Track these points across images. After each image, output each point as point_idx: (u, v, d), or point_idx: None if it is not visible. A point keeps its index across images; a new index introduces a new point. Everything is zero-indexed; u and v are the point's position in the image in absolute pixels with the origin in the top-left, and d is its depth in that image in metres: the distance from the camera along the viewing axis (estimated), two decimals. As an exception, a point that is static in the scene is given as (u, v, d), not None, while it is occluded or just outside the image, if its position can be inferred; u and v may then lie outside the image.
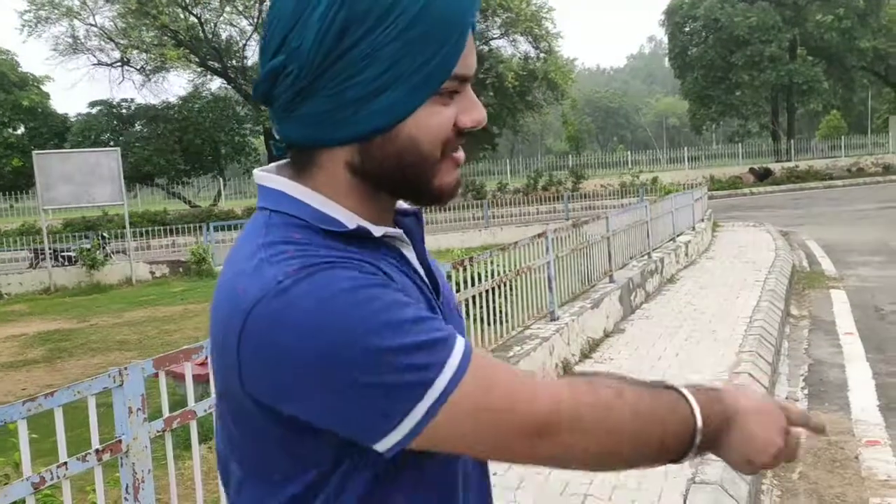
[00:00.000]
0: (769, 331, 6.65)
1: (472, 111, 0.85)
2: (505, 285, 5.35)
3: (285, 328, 0.74)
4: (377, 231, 0.85)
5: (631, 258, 8.79)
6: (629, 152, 38.56)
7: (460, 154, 0.88)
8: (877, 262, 11.13)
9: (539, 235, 5.95)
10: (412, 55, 0.79)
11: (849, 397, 5.36)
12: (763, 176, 31.78)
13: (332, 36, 0.78)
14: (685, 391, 0.86)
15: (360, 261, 0.80)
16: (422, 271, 0.92)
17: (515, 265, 5.52)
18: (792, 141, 36.94)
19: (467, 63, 0.83)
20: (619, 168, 34.35)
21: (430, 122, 0.82)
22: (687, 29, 37.42)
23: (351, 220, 0.84)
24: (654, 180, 28.62)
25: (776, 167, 32.77)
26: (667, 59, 45.39)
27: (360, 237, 0.84)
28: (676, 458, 0.86)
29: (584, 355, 6.00)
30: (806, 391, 5.57)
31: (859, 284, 9.51)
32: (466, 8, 0.81)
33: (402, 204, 0.96)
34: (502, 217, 21.59)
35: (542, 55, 32.61)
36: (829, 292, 9.11)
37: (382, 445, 0.76)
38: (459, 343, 0.77)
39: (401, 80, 0.79)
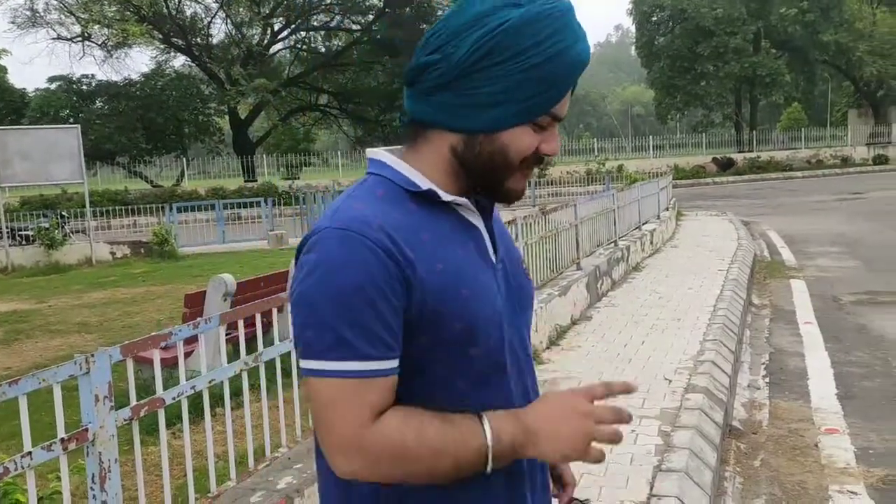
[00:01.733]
0: (732, 320, 6.76)
1: (552, 143, 1.13)
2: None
3: (307, 261, 1.06)
4: (446, 197, 1.11)
5: (598, 246, 8.85)
6: (595, 140, 38.79)
7: (531, 170, 1.16)
8: (835, 253, 11.38)
9: (509, 222, 5.94)
10: (527, 88, 1.06)
11: (808, 386, 5.48)
12: (726, 166, 32.26)
13: (478, 55, 1.05)
14: (485, 419, 1.05)
15: (392, 231, 1.05)
16: (486, 236, 1.17)
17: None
18: (754, 132, 37.54)
19: (562, 108, 1.11)
20: (585, 155, 34.53)
21: (521, 139, 1.10)
22: (654, 18, 37.69)
23: (426, 184, 1.11)
24: (620, 168, 28.86)
25: (738, 157, 33.28)
26: (633, 47, 45.67)
27: (429, 199, 1.11)
28: (482, 470, 1.05)
29: (552, 342, 6.03)
30: (767, 379, 5.68)
31: (818, 275, 9.71)
32: (575, 71, 1.10)
33: None
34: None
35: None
36: (790, 282, 9.30)
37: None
38: (351, 364, 1.02)
39: (513, 101, 1.07)
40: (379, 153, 1.16)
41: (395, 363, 1.04)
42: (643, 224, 11.49)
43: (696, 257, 10.50)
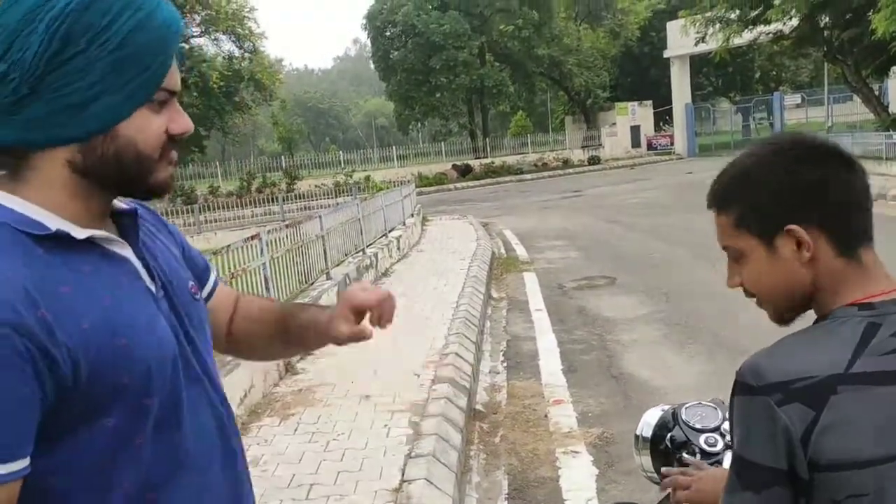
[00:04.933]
0: (473, 313, 7.30)
1: (179, 120, 1.01)
2: (220, 290, 5.28)
3: None
4: (81, 234, 0.94)
5: (346, 255, 9.08)
6: (342, 152, 39.24)
7: (174, 154, 1.03)
8: (559, 246, 12.67)
9: (252, 237, 5.94)
10: (121, 71, 0.93)
11: (539, 365, 6.11)
12: (465, 172, 34.27)
13: (52, 49, 0.90)
14: None
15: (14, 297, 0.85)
16: (138, 265, 1.02)
17: (230, 268, 5.47)
18: (487, 139, 40.26)
19: (173, 80, 0.99)
20: (332, 168, 34.80)
21: (144, 126, 0.97)
22: (388, 34, 38.91)
23: (54, 222, 0.93)
24: (367, 179, 29.50)
25: (475, 163, 35.50)
26: (371, 61, 46.91)
27: (60, 240, 0.93)
28: None
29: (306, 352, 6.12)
30: (505, 364, 6.24)
31: (547, 266, 10.77)
32: (169, 36, 0.97)
33: (120, 204, 1.06)
34: (215, 221, 20.84)
35: (247, 55, 31.97)
36: (523, 275, 10.21)
37: None
38: None
39: (112, 89, 0.93)
40: None
41: (22, 465, 0.86)
42: (390, 231, 11.94)
43: (440, 259, 11.12)
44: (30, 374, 0.85)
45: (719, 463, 1.61)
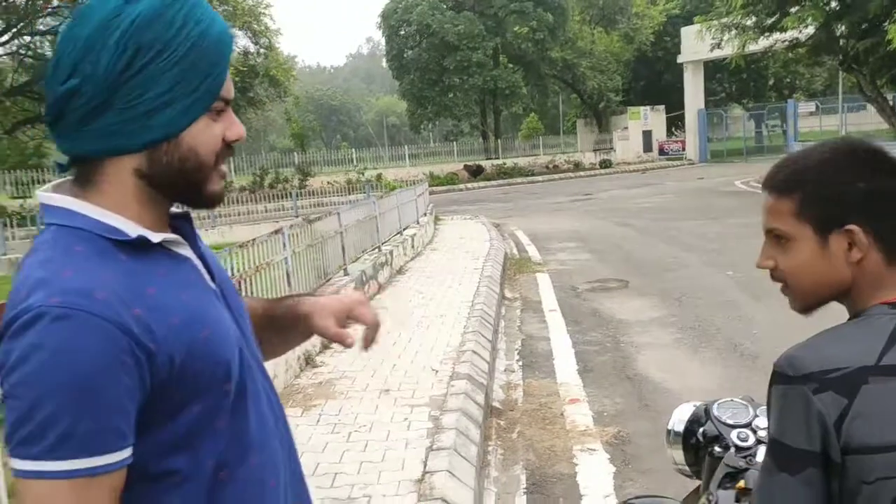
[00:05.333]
0: (488, 312, 7.39)
1: (235, 127, 1.07)
2: (245, 282, 5.38)
3: (21, 346, 0.90)
4: (156, 238, 1.01)
5: (363, 252, 9.18)
6: (353, 150, 39.42)
7: (224, 168, 1.09)
8: (572, 248, 12.74)
9: (276, 232, 6.04)
10: (185, 81, 0.99)
11: (554, 365, 6.18)
12: (476, 172, 34.37)
13: (122, 62, 0.95)
14: None
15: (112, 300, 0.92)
16: (199, 263, 1.09)
17: (254, 262, 5.57)
18: (499, 140, 40.35)
19: (228, 88, 1.05)
20: (344, 165, 34.93)
21: (205, 133, 1.03)
22: (402, 32, 39.04)
23: (132, 229, 0.99)
24: (379, 177, 29.65)
25: (487, 164, 35.61)
26: (384, 59, 47.08)
27: (138, 245, 0.99)
28: None
29: (325, 346, 6.21)
30: (520, 363, 6.32)
31: (559, 268, 10.84)
32: (224, 49, 1.04)
33: (172, 208, 1.12)
34: (229, 216, 20.96)
35: (262, 51, 32.12)
36: (536, 276, 10.28)
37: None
38: (78, 462, 0.89)
39: (181, 97, 0.99)
40: (58, 199, 1.00)
41: (127, 453, 0.93)
42: (404, 229, 12.04)
43: (454, 258, 11.21)
44: (133, 370, 0.92)
45: (752, 457, 1.69)
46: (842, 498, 1.06)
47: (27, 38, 35.15)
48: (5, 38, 34.08)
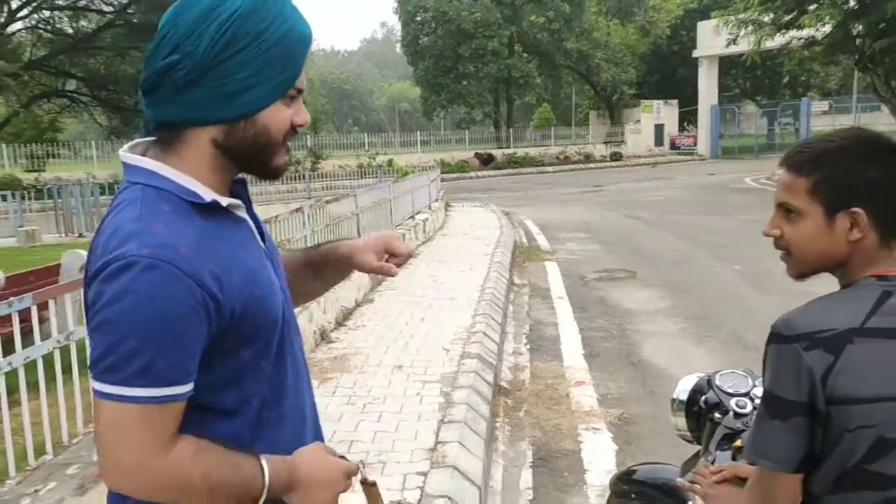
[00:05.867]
0: (498, 297, 7.55)
1: (302, 114, 1.21)
2: (265, 258, 5.56)
3: (113, 288, 1.04)
4: (224, 202, 1.16)
5: (376, 234, 9.33)
6: (365, 135, 39.51)
7: (289, 144, 1.23)
8: (580, 238, 12.87)
9: (296, 210, 6.21)
10: (272, 67, 1.13)
11: (561, 349, 6.35)
12: (487, 161, 34.43)
13: (221, 45, 1.10)
14: (264, 462, 1.16)
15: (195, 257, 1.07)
16: (252, 224, 1.25)
17: (276, 238, 5.74)
18: (511, 129, 40.37)
19: (302, 80, 1.19)
20: (355, 149, 35.04)
21: (279, 116, 1.17)
22: (418, 19, 38.99)
23: (207, 193, 1.14)
24: (390, 162, 29.77)
25: (498, 153, 35.66)
26: (399, 45, 47.04)
27: (210, 207, 1.14)
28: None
29: (339, 323, 6.40)
30: (528, 346, 6.48)
31: (568, 257, 10.98)
32: (305, 45, 1.18)
33: None
34: (241, 196, 21.12)
35: (278, 33, 32.19)
36: (545, 264, 10.43)
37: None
38: (153, 391, 1.05)
39: (263, 82, 1.13)
40: (142, 160, 1.15)
41: (190, 387, 1.09)
42: (416, 214, 12.19)
43: (464, 244, 11.36)
44: (204, 318, 1.07)
45: (749, 421, 1.85)
46: (825, 444, 1.23)
47: (46, 13, 35.38)
48: (24, 12, 34.29)
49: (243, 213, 1.22)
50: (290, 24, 1.15)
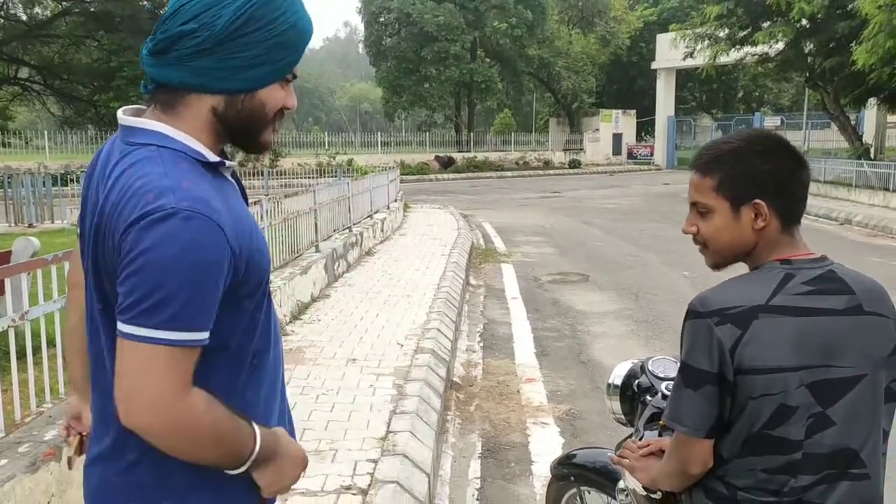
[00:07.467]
0: (453, 296, 7.66)
1: (292, 98, 1.33)
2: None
3: (155, 237, 1.11)
4: (228, 163, 1.29)
5: (334, 231, 9.38)
6: (325, 133, 39.30)
7: (277, 125, 1.34)
8: (536, 242, 13.06)
9: (254, 203, 6.22)
10: (278, 51, 1.26)
11: (514, 347, 6.48)
12: (447, 164, 34.56)
13: (237, 24, 1.20)
14: (256, 429, 1.26)
15: (218, 206, 1.17)
16: (237, 187, 1.36)
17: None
18: (471, 133, 40.55)
19: (299, 67, 1.32)
20: (314, 148, 34.80)
21: (275, 95, 1.29)
22: (382, 19, 38.89)
23: (210, 154, 1.26)
24: (350, 162, 29.68)
25: (458, 157, 35.81)
26: (361, 45, 46.89)
27: (212, 165, 1.25)
28: (235, 468, 1.25)
29: (295, 317, 6.44)
30: (481, 344, 6.60)
31: (523, 259, 11.15)
32: (307, 37, 1.30)
33: None
34: (198, 191, 20.87)
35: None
36: (500, 266, 10.58)
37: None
38: (182, 335, 1.12)
39: (269, 62, 1.26)
40: (151, 123, 1.23)
41: (209, 333, 1.16)
42: (375, 213, 12.25)
43: (421, 244, 11.46)
44: (228, 269, 1.17)
45: None
46: (733, 411, 1.36)
47: (-1, -2, 34.44)
48: (-24, -5, 33.31)
49: (229, 175, 1.33)
50: (297, 16, 1.27)
